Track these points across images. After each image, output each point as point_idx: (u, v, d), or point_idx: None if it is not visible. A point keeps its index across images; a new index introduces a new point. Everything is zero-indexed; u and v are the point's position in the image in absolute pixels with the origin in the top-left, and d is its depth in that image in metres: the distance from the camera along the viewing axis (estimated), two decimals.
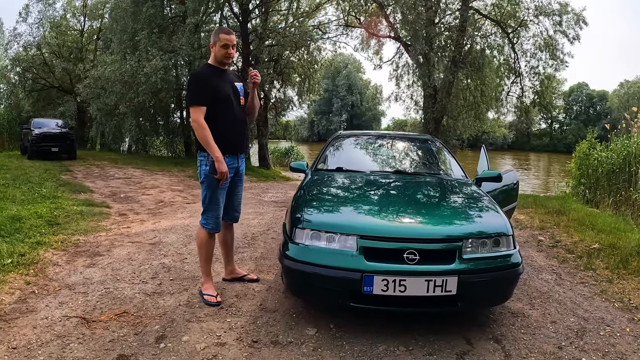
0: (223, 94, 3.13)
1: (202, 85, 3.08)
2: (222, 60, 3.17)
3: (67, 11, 21.46)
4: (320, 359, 2.46)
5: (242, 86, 3.34)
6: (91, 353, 2.50)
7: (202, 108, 3.04)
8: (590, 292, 3.73)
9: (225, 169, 3.06)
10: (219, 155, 3.03)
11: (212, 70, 3.19)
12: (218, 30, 3.18)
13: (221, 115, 3.13)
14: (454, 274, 2.56)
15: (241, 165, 3.37)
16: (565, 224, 6.27)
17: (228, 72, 3.30)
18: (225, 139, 3.13)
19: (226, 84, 3.19)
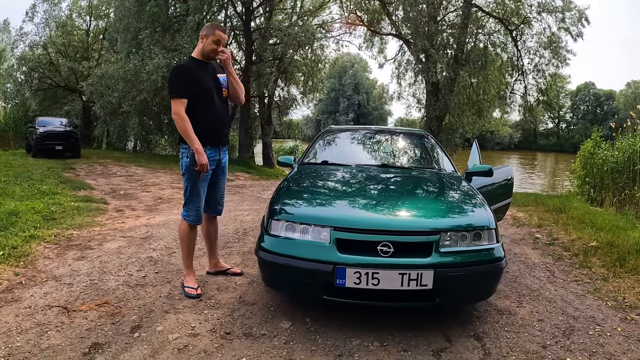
0: (204, 87, 3.15)
1: (184, 78, 3.10)
2: (209, 54, 3.18)
3: (72, 11, 21.67)
4: (291, 352, 2.46)
5: (225, 77, 3.34)
6: (67, 340, 2.55)
7: (183, 100, 3.06)
8: (583, 290, 3.66)
9: (205, 161, 3.07)
10: (199, 147, 3.05)
11: (196, 63, 3.20)
12: (215, 26, 3.20)
13: (202, 108, 3.15)
14: (429, 268, 2.51)
15: (223, 158, 3.38)
16: (564, 221, 6.23)
17: (211, 64, 3.31)
18: (206, 131, 3.15)
19: (209, 76, 3.22)
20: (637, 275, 3.90)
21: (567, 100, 55.61)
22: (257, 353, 2.43)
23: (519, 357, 2.50)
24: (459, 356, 2.49)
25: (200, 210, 3.27)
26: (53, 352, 2.42)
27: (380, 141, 4.57)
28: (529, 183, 19.19)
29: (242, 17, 16.40)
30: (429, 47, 11.95)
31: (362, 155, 4.18)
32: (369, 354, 2.47)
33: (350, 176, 3.60)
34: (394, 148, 4.47)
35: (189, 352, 2.43)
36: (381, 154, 4.18)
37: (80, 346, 2.49)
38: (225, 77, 3.34)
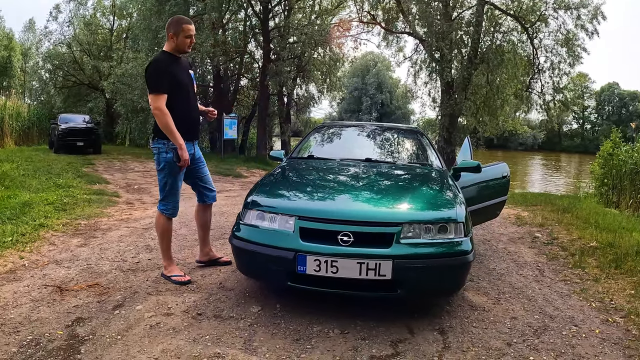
0: (181, 82, 3.23)
1: (162, 73, 3.15)
2: (183, 49, 3.25)
3: (97, 10, 22.37)
4: (252, 334, 2.58)
5: (193, 74, 3.47)
6: (54, 314, 2.80)
7: (164, 96, 3.12)
8: (570, 290, 3.62)
9: (187, 156, 3.18)
10: (182, 142, 3.13)
11: (171, 58, 3.25)
12: (180, 21, 3.23)
13: (180, 103, 3.22)
14: (388, 258, 2.56)
15: (196, 150, 3.49)
16: (568, 221, 6.17)
17: (183, 59, 3.40)
18: (184, 126, 3.22)
19: (183, 71, 3.30)
20: (632, 277, 3.83)
21: (592, 101, 54.12)
22: (220, 333, 2.58)
23: (478, 353, 2.50)
24: (416, 347, 2.53)
25: (178, 203, 3.40)
26: (40, 323, 2.67)
27: (370, 137, 4.64)
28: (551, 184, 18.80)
29: (260, 16, 16.63)
30: (442, 46, 11.89)
31: (348, 150, 4.24)
32: (326, 340, 2.55)
33: (329, 170, 3.70)
34: (383, 144, 4.53)
35: (159, 328, 2.62)
36: (368, 149, 4.23)
37: (65, 320, 2.73)
38: (193, 74, 3.46)
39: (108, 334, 2.55)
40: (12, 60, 34.00)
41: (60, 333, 2.56)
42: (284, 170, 3.68)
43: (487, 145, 45.68)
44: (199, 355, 2.32)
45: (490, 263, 4.28)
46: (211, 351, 2.36)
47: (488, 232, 5.71)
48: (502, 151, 44.09)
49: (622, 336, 2.80)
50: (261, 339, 2.52)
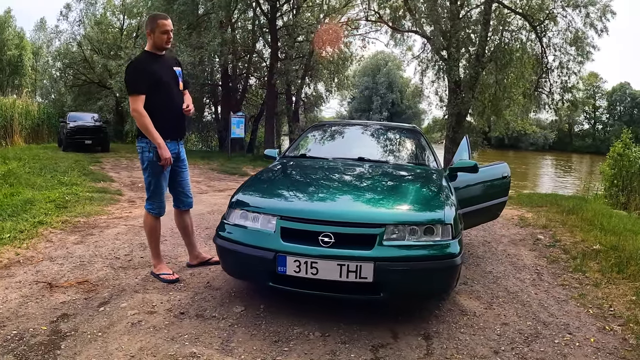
0: (162, 80, 3.20)
1: (140, 73, 3.15)
2: (162, 45, 3.23)
3: (107, 9, 22.62)
4: (231, 334, 2.57)
5: (180, 71, 3.43)
6: (41, 310, 2.84)
7: (141, 97, 3.11)
8: (567, 295, 3.50)
9: (169, 155, 3.17)
10: (161, 141, 3.13)
11: (150, 57, 3.24)
12: (155, 17, 3.23)
13: (162, 101, 3.21)
14: (369, 260, 2.49)
15: (181, 151, 3.46)
16: (572, 223, 6.05)
17: (166, 57, 3.38)
18: (166, 125, 3.22)
19: (165, 69, 3.27)
20: (634, 282, 3.70)
21: (603, 101, 53.27)
22: (199, 332, 2.58)
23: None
24: (397, 353, 2.46)
25: (164, 202, 3.40)
26: (27, 319, 2.71)
27: (366, 136, 4.60)
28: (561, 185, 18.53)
29: (268, 15, 16.65)
30: (449, 45, 11.78)
31: (342, 149, 4.20)
32: (306, 343, 2.51)
33: (319, 169, 3.65)
34: (378, 143, 4.48)
35: (140, 326, 2.64)
36: (362, 149, 4.18)
37: (51, 315, 2.77)
38: (180, 70, 3.42)
39: (89, 331, 2.58)
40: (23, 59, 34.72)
41: (44, 329, 2.59)
42: (273, 169, 3.67)
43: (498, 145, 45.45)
44: (174, 354, 2.33)
45: (487, 266, 4.20)
46: (187, 350, 2.36)
47: (489, 233, 5.64)
48: (513, 151, 43.62)
49: (619, 345, 2.68)
50: (239, 339, 2.51)
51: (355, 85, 58.02)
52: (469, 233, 5.52)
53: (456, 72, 12.13)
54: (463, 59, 12.83)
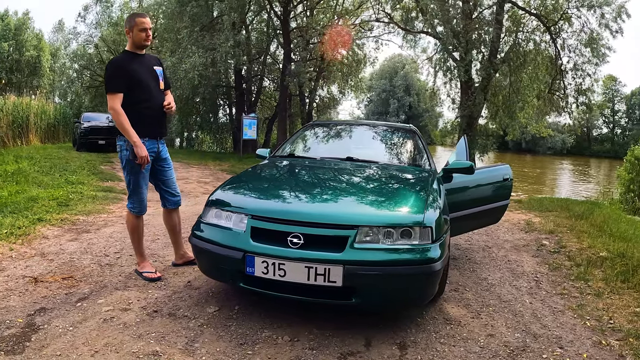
0: (141, 79, 3.20)
1: (117, 72, 3.15)
2: (140, 44, 3.22)
3: (123, 12, 23.00)
4: (198, 334, 2.53)
5: (161, 70, 3.42)
6: (21, 303, 2.89)
7: (118, 95, 3.12)
8: (565, 305, 3.30)
9: (145, 154, 3.15)
10: (137, 140, 3.11)
11: (130, 56, 3.24)
12: (133, 16, 3.24)
13: (140, 100, 3.19)
14: (338, 264, 2.38)
15: (162, 150, 3.43)
16: (580, 228, 5.86)
17: (147, 56, 3.37)
18: (144, 123, 3.20)
19: (144, 68, 3.26)
20: (639, 293, 3.50)
21: (622, 105, 51.91)
22: (167, 331, 2.57)
23: None
24: None
25: (144, 201, 3.39)
26: (6, 311, 2.76)
27: (359, 136, 4.52)
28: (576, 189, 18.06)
29: (280, 17, 16.72)
30: (461, 45, 11.60)
31: (331, 149, 4.14)
32: (271, 347, 2.45)
33: (302, 169, 3.60)
34: (370, 142, 4.40)
35: (111, 322, 2.65)
36: (353, 148, 4.11)
37: (30, 309, 2.81)
38: (161, 70, 3.41)
39: (62, 325, 2.60)
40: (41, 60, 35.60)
41: (20, 321, 2.63)
42: (256, 168, 3.63)
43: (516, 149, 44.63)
44: (137, 351, 2.32)
45: (483, 272, 4.06)
46: (151, 349, 2.35)
47: (491, 238, 5.50)
48: (531, 155, 42.85)
49: None
50: (205, 340, 2.48)
51: (373, 87, 58.16)
52: (469, 237, 5.40)
53: (465, 73, 11.91)
54: (475, 60, 12.61)
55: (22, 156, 9.41)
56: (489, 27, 12.07)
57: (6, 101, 11.36)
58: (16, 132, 11.46)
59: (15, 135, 11.41)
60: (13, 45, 35.69)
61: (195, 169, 12.55)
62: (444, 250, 2.64)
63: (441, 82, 15.02)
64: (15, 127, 11.50)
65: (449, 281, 3.69)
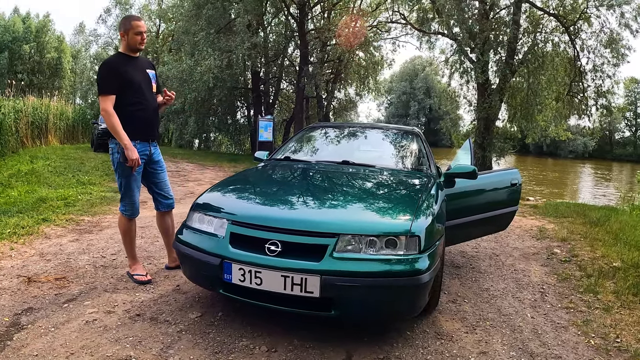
0: (134, 81, 3.18)
1: (110, 74, 3.14)
2: (135, 47, 3.21)
3: (143, 14, 23.37)
4: (176, 341, 2.49)
5: (154, 73, 3.41)
6: (11, 303, 2.91)
7: (111, 97, 3.11)
8: (569, 320, 3.09)
9: (135, 156, 3.12)
10: (127, 142, 3.09)
11: (123, 58, 3.24)
12: (129, 18, 3.22)
13: (132, 102, 3.18)
14: (315, 274, 2.27)
15: (154, 152, 3.41)
16: (594, 236, 5.63)
17: (140, 59, 3.35)
18: (135, 126, 3.19)
19: (137, 71, 3.24)
20: None
21: None
22: (144, 335, 2.54)
23: None
24: None
25: (136, 203, 3.38)
26: None
27: (359, 138, 4.42)
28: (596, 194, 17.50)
29: (297, 19, 16.72)
30: (477, 46, 11.37)
31: (328, 152, 4.04)
32: (247, 357, 2.38)
33: (292, 172, 3.52)
34: (370, 145, 4.29)
35: (92, 325, 2.64)
36: (350, 152, 3.99)
37: (18, 308, 2.83)
38: (154, 73, 3.39)
39: (45, 325, 2.61)
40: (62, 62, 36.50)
41: (7, 320, 2.66)
42: (247, 172, 3.58)
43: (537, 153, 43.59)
44: (111, 355, 2.31)
45: (486, 282, 3.88)
46: (125, 353, 2.33)
47: (500, 245, 5.32)
48: (552, 159, 41.87)
49: None
50: (181, 347, 2.43)
51: (393, 90, 57.76)
52: (477, 244, 5.24)
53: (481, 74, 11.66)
54: (492, 61, 12.34)
55: (38, 156, 9.60)
56: (505, 27, 11.80)
57: (25, 102, 11.60)
58: (35, 133, 11.70)
59: (34, 136, 11.65)
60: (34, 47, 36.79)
61: (209, 171, 12.60)
62: (433, 261, 2.49)
63: (457, 83, 14.84)
64: (34, 128, 11.74)
65: (448, 292, 3.56)
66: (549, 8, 12.56)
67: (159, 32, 24.25)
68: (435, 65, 55.12)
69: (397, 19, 15.67)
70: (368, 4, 18.27)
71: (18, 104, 11.17)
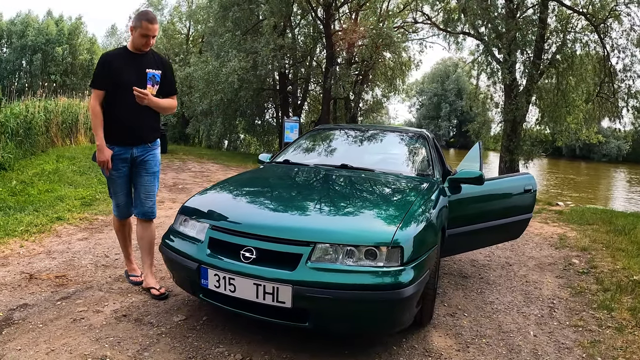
0: (122, 80, 2.96)
1: (102, 68, 2.97)
2: (139, 47, 3.02)
3: (173, 16, 23.87)
4: (153, 344, 2.48)
5: (157, 74, 3.08)
6: (9, 298, 3.01)
7: (99, 92, 2.97)
8: (576, 341, 2.84)
9: (104, 158, 2.97)
10: (100, 143, 2.95)
11: (124, 54, 3.05)
12: (142, 16, 2.99)
13: (119, 102, 3.00)
14: (287, 283, 2.19)
15: (142, 155, 3.15)
16: (617, 246, 5.33)
17: (147, 56, 3.10)
18: (117, 127, 3.02)
19: (132, 69, 3.00)
20: None
21: None
22: (125, 336, 2.56)
23: None
24: None
25: (120, 206, 3.24)
26: None
27: (362, 141, 4.31)
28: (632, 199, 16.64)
29: (323, 20, 16.70)
30: (503, 46, 11.02)
31: (328, 155, 3.97)
32: None
33: (284, 176, 3.47)
34: (372, 149, 4.18)
35: (78, 323, 2.69)
36: (350, 155, 3.91)
37: (13, 304, 2.92)
38: (157, 74, 3.07)
39: (34, 322, 2.67)
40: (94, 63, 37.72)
41: (1, 315, 2.74)
42: (240, 175, 3.55)
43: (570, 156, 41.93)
44: (88, 354, 2.34)
45: (492, 294, 3.68)
46: (102, 353, 2.36)
47: (515, 254, 5.10)
48: (586, 162, 40.24)
49: None
50: (157, 350, 2.43)
51: (424, 91, 56.96)
52: (491, 252, 5.04)
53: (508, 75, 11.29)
54: (519, 62, 11.94)
55: (65, 156, 9.86)
56: (532, 26, 11.39)
57: (57, 103, 12.01)
58: (65, 133, 12.08)
59: (64, 136, 12.02)
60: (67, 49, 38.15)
61: (233, 171, 12.69)
62: (420, 273, 2.36)
63: (484, 84, 14.48)
64: (65, 127, 12.12)
65: (448, 303, 3.39)
66: (577, 6, 12.05)
67: (189, 33, 24.76)
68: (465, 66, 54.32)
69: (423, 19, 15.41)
70: (395, 4, 18.06)
71: (50, 104, 11.55)
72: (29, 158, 9.09)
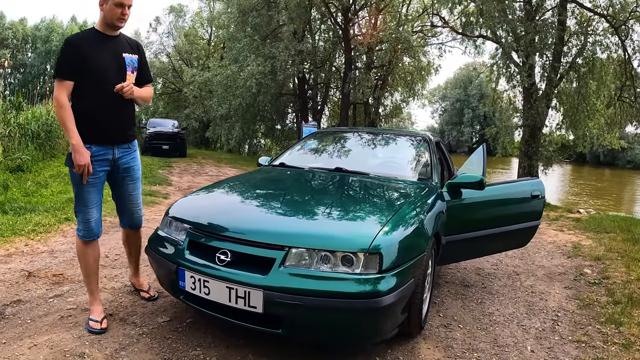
0: (95, 67, 2.50)
1: (67, 54, 2.48)
2: (113, 22, 2.54)
3: (195, 22, 24.33)
4: (131, 344, 2.49)
5: (135, 59, 2.69)
6: (4, 294, 3.07)
7: (65, 83, 2.47)
8: (576, 358, 2.67)
9: (83, 162, 2.46)
10: (76, 143, 2.45)
11: (93, 36, 2.57)
12: None
13: (92, 93, 2.53)
14: (259, 288, 2.15)
15: (124, 158, 2.74)
16: (633, 255, 5.13)
17: (119, 39, 2.66)
18: (93, 124, 2.55)
19: (106, 53, 2.56)
20: None
21: None
22: (107, 336, 2.58)
23: None
24: None
25: (91, 222, 2.64)
26: None
27: (361, 144, 4.25)
28: None
29: (342, 25, 16.71)
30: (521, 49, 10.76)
31: (324, 158, 3.93)
32: None
33: (274, 179, 3.44)
34: (368, 152, 4.10)
35: (65, 321, 2.74)
36: (346, 158, 3.88)
37: (8, 299, 2.98)
38: (134, 59, 2.68)
39: (24, 317, 2.73)
40: None
41: None
42: (233, 178, 3.54)
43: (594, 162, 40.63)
44: (68, 351, 2.37)
45: (493, 305, 3.52)
46: (81, 350, 2.39)
47: (525, 262, 4.94)
48: (610, 169, 38.98)
49: None
50: (134, 349, 2.44)
51: (447, 97, 56.30)
52: (499, 260, 4.90)
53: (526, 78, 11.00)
54: (538, 65, 11.64)
55: None
56: (551, 29, 11.08)
57: None
58: None
59: None
60: None
61: None
62: (403, 281, 2.26)
63: (503, 89, 14.17)
64: None
65: (444, 314, 3.26)
66: (597, 8, 11.67)
67: (210, 39, 25.17)
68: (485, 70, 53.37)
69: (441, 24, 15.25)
70: (414, 9, 17.92)
71: None
72: (48, 160, 9.33)
